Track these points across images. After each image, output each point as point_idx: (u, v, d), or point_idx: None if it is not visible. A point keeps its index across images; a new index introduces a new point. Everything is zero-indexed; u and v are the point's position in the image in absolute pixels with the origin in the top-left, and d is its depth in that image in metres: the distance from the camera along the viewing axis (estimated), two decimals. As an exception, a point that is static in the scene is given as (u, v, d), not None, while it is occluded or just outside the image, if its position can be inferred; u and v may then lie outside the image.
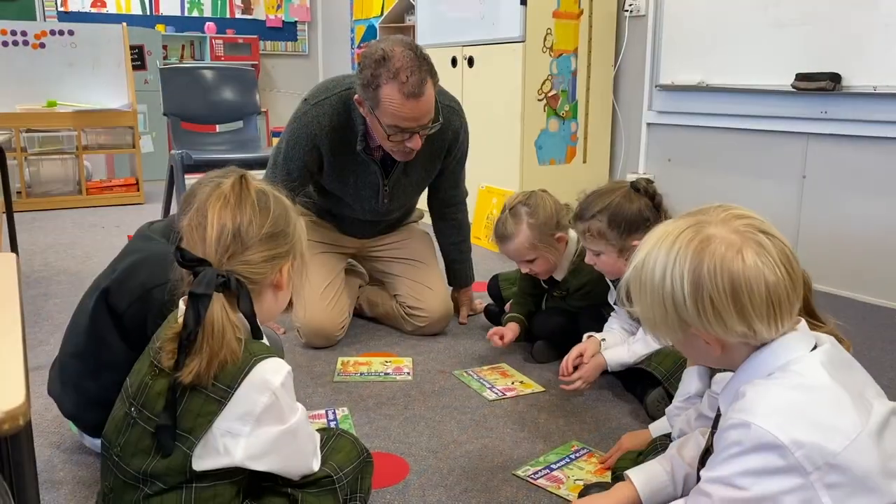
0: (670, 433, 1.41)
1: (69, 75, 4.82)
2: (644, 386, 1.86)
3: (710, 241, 0.97)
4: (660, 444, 1.40)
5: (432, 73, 1.99)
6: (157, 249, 1.47)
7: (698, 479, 1.05)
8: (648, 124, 3.65)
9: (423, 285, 2.43)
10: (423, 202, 2.54)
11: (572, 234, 2.07)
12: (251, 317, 1.11)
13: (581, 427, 1.79)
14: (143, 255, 1.46)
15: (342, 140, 2.17)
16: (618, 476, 1.38)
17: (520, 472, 1.56)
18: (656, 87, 3.50)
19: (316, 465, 1.18)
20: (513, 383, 2.04)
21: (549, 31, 3.52)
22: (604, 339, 1.91)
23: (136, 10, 5.96)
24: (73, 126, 4.65)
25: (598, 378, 1.91)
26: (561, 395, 1.95)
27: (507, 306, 2.39)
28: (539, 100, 3.56)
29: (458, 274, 2.60)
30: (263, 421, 1.07)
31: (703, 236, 0.98)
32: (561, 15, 3.54)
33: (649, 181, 1.83)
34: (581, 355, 1.88)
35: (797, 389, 0.94)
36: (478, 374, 2.12)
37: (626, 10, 3.66)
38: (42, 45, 4.74)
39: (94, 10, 5.78)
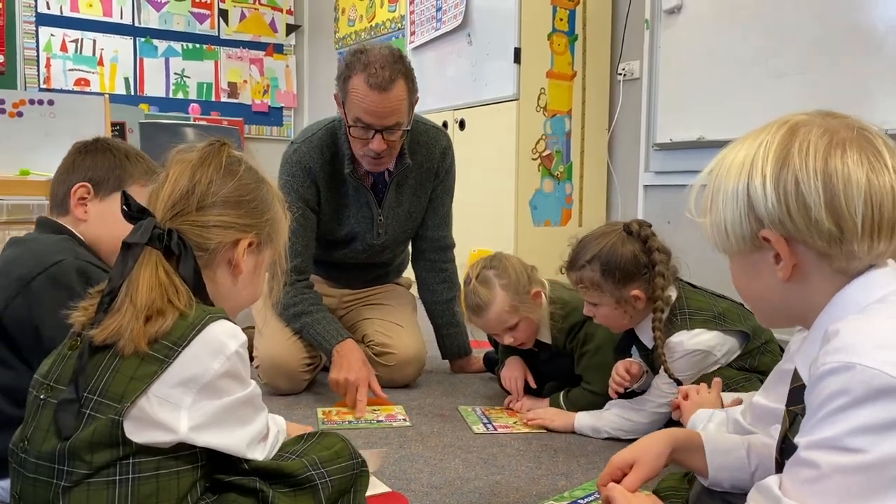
0: None
1: (45, 145, 4.65)
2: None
3: (808, 124, 0.80)
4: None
5: (407, 76, 1.90)
6: (34, 245, 1.26)
7: (779, 466, 0.83)
8: (646, 186, 3.52)
9: (393, 323, 2.19)
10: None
11: (543, 280, 1.90)
12: (195, 286, 0.92)
13: (607, 466, 1.54)
14: (17, 253, 1.24)
15: (335, 172, 2.09)
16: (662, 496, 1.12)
17: (542, 508, 1.30)
18: (654, 146, 3.39)
19: (255, 455, 0.93)
20: (514, 423, 1.79)
21: (542, 90, 3.44)
22: (647, 371, 1.69)
23: (121, 90, 5.90)
24: (44, 195, 4.43)
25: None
26: (580, 436, 1.70)
27: None
28: (533, 159, 3.44)
29: (454, 340, 2.30)
30: (208, 392, 0.86)
31: (800, 121, 0.81)
32: (554, 75, 3.48)
33: (643, 223, 1.65)
34: (628, 371, 1.65)
35: None
36: (482, 410, 1.88)
37: (620, 74, 3.61)
38: (19, 114, 4.58)
39: (76, 89, 5.71)
